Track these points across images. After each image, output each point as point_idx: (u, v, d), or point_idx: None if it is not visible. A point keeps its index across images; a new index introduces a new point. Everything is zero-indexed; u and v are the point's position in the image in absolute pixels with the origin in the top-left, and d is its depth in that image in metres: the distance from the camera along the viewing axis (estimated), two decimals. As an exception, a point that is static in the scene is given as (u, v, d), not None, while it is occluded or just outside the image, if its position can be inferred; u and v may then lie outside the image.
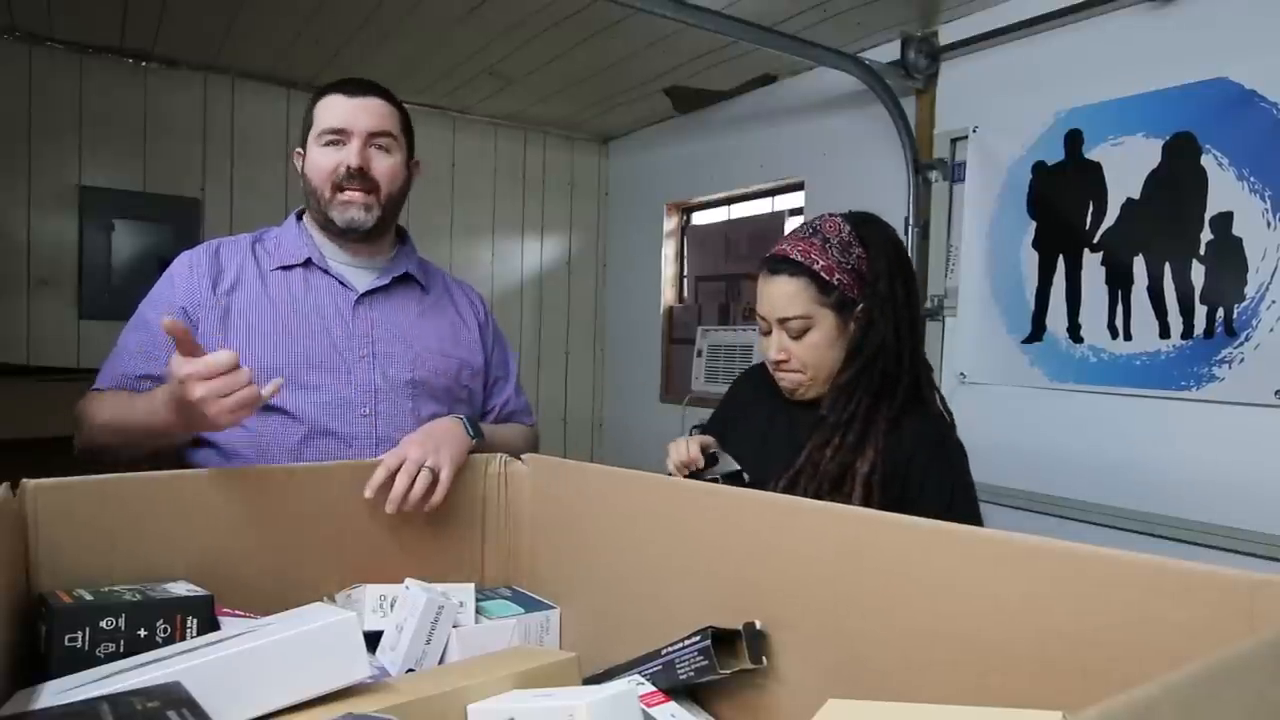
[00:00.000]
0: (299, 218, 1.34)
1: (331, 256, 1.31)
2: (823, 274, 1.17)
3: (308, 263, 1.29)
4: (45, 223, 2.80)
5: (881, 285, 1.18)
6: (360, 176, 1.24)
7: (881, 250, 1.20)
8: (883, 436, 1.15)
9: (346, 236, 1.28)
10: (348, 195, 1.24)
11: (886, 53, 2.51)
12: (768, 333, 1.23)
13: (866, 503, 1.10)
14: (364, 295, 1.30)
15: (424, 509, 1.04)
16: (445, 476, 1.06)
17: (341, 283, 1.29)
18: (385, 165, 1.27)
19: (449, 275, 1.47)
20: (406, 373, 1.28)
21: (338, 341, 1.25)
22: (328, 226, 1.28)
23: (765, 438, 1.26)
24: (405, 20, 2.53)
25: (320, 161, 1.25)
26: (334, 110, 1.25)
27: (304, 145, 1.30)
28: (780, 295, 1.19)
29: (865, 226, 1.22)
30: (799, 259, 1.19)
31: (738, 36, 2.28)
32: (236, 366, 0.90)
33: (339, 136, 1.24)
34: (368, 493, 1.02)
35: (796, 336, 1.19)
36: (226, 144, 3.06)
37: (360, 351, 1.26)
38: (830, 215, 1.24)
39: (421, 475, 1.04)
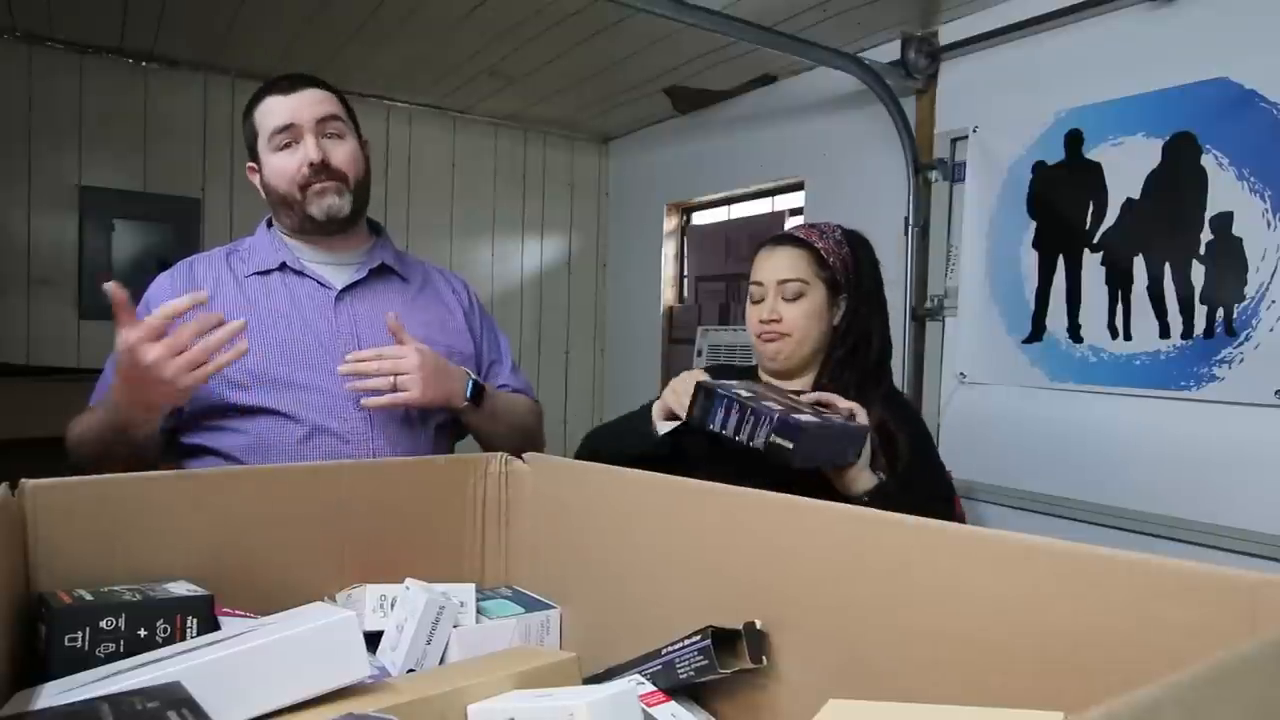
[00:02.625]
0: (269, 224, 1.33)
1: (306, 258, 1.29)
2: (822, 252, 1.30)
3: (282, 266, 1.27)
4: (45, 223, 2.80)
5: (866, 283, 1.32)
6: (325, 169, 1.22)
7: (866, 257, 1.34)
8: (877, 413, 1.22)
9: (326, 230, 1.27)
10: (318, 186, 1.23)
11: (886, 53, 2.51)
12: (759, 300, 1.32)
13: (875, 456, 1.17)
14: (344, 291, 1.28)
15: (365, 405, 1.15)
16: (403, 399, 1.14)
17: (319, 282, 1.28)
18: (344, 152, 1.25)
19: (430, 264, 1.45)
20: (395, 363, 1.26)
21: (323, 339, 1.24)
22: (304, 226, 1.26)
23: None
24: (405, 20, 2.53)
25: (281, 166, 1.23)
26: (276, 110, 1.22)
27: (255, 159, 1.27)
28: (782, 260, 1.31)
29: (853, 236, 1.36)
30: (802, 236, 1.32)
31: (738, 36, 2.28)
32: (175, 317, 0.91)
33: (289, 135, 1.22)
34: (341, 369, 1.12)
35: (790, 300, 1.28)
36: (226, 144, 3.06)
37: (346, 347, 1.24)
38: (823, 222, 1.39)
39: (383, 381, 1.12)
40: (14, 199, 2.75)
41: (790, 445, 1.02)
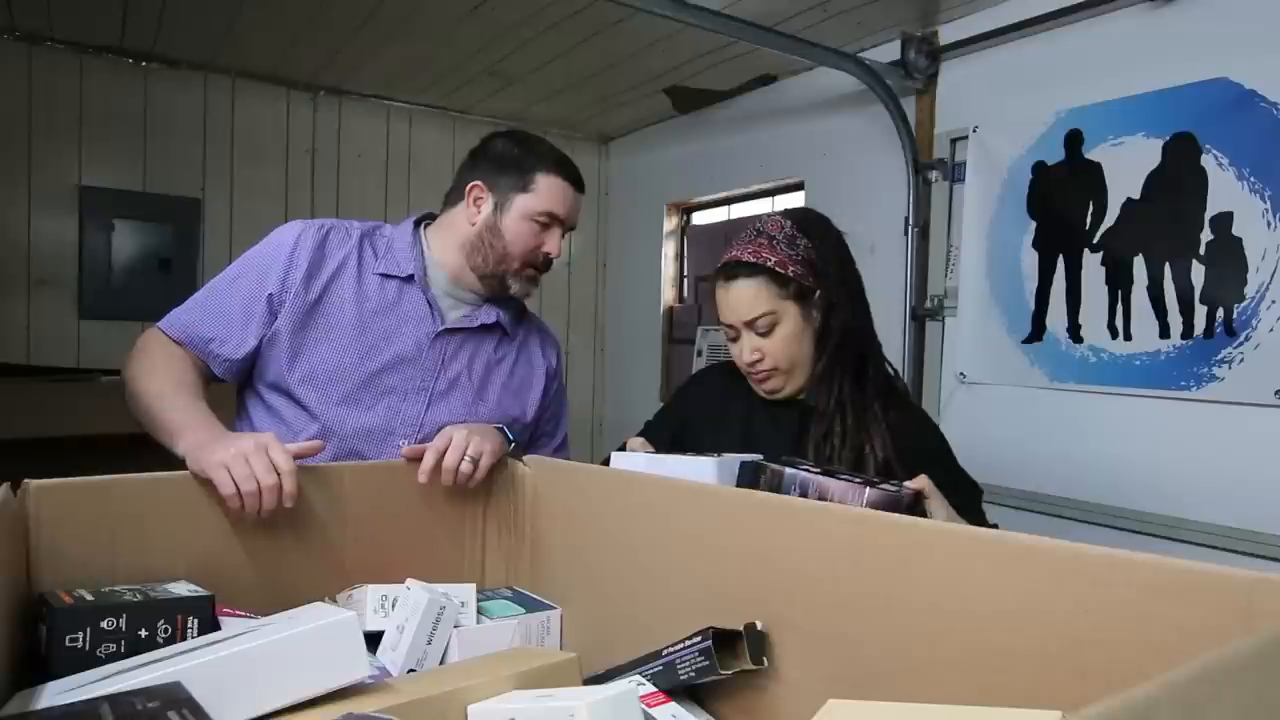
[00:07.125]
0: (416, 225, 1.34)
1: (436, 281, 1.30)
2: (777, 269, 1.19)
3: (410, 278, 1.28)
4: (45, 223, 2.80)
5: (834, 270, 1.22)
6: (548, 266, 1.32)
7: (826, 238, 1.24)
8: (881, 421, 1.17)
9: (497, 295, 1.32)
10: (532, 274, 1.31)
11: (886, 53, 2.51)
12: (735, 339, 1.25)
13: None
14: (446, 331, 1.28)
15: (467, 485, 1.09)
16: (485, 464, 1.09)
17: (432, 308, 1.28)
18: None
19: (536, 318, 1.45)
20: (458, 415, 1.26)
21: (404, 369, 1.25)
22: (488, 280, 1.30)
23: (748, 437, 1.26)
24: (405, 20, 2.53)
25: (527, 237, 1.28)
26: (563, 199, 1.29)
27: (500, 193, 1.28)
28: (741, 298, 1.22)
29: (806, 219, 1.26)
30: (751, 260, 1.21)
31: (738, 36, 2.28)
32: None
33: (553, 222, 1.29)
34: (421, 478, 1.05)
35: (765, 334, 1.21)
36: (226, 144, 3.06)
37: (421, 384, 1.25)
38: (769, 215, 1.28)
39: (464, 465, 1.07)
40: (14, 199, 2.75)
41: None
